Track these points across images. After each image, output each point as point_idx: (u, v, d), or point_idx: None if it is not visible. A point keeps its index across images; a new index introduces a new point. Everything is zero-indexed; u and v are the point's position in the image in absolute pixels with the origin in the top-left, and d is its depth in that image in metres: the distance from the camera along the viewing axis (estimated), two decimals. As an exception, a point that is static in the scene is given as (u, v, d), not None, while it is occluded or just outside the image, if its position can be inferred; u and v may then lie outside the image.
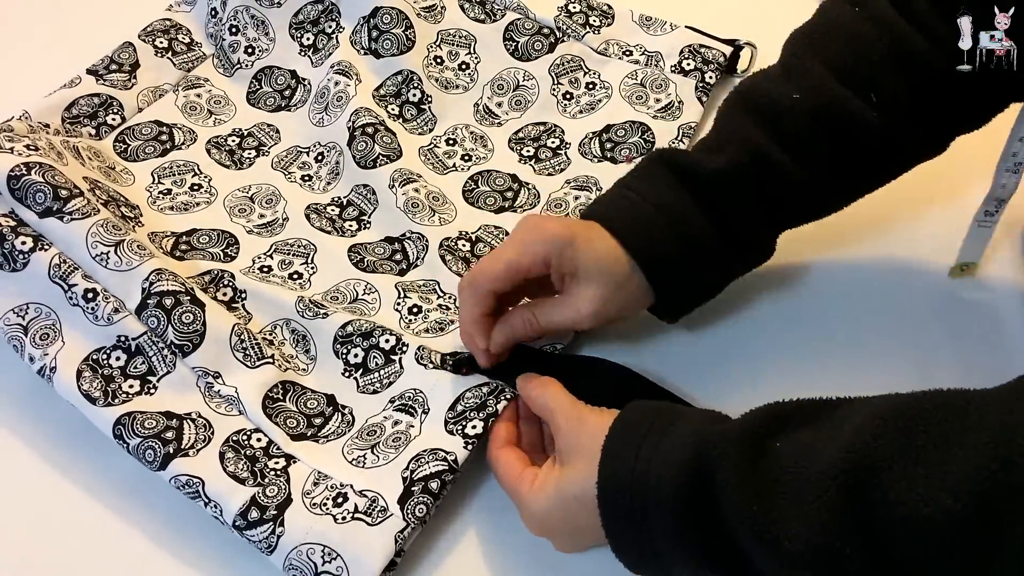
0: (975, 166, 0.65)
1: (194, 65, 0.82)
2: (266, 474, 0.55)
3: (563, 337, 0.63)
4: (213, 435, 0.57)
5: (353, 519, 0.53)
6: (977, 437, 0.38)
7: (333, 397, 0.61)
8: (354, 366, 0.62)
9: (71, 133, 0.74)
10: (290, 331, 0.63)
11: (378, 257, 0.68)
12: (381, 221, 0.70)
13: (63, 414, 0.59)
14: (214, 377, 0.59)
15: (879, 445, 0.40)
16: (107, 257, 0.60)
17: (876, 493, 0.40)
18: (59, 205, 0.62)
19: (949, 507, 0.38)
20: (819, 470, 0.41)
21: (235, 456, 0.56)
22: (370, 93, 0.75)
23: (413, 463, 0.55)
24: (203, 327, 0.59)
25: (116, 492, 0.58)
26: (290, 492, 0.54)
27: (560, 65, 0.80)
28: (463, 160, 0.76)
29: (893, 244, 0.70)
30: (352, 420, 0.60)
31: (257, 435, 0.57)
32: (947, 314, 0.66)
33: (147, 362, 0.59)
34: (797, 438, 0.44)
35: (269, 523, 0.53)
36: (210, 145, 0.76)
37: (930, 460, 0.39)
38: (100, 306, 0.60)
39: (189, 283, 0.61)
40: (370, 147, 0.72)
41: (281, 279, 0.67)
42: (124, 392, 0.58)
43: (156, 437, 0.56)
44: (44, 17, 0.89)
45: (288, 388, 0.60)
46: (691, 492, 0.45)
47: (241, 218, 0.71)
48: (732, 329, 0.66)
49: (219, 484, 0.54)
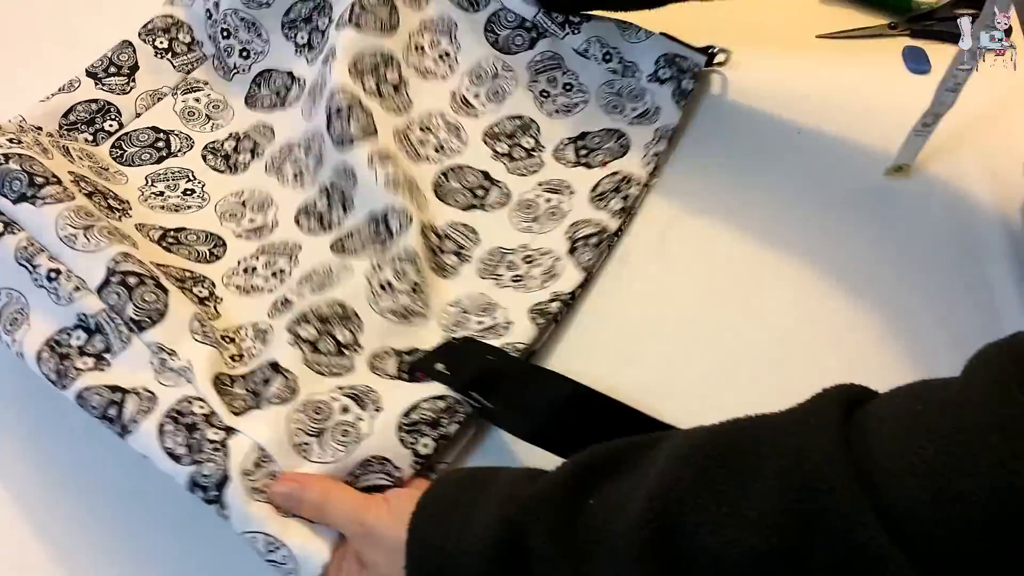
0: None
1: (194, 67, 0.82)
2: (203, 447, 0.53)
3: (521, 338, 0.63)
4: (155, 406, 0.55)
5: (293, 514, 0.53)
6: (772, 467, 0.38)
7: (276, 364, 0.59)
8: (304, 340, 0.61)
9: (67, 139, 0.75)
10: (255, 330, 0.64)
11: (362, 241, 0.67)
12: (364, 200, 0.69)
13: (52, 402, 0.59)
14: (169, 354, 0.58)
15: (680, 489, 0.40)
16: (75, 238, 0.60)
17: (682, 540, 0.39)
18: (33, 191, 0.61)
19: (754, 545, 0.37)
20: (627, 524, 0.40)
21: (174, 428, 0.54)
22: (346, 67, 0.74)
23: (359, 468, 0.55)
24: (164, 308, 0.59)
25: (115, 488, 0.59)
26: (227, 469, 0.53)
27: (539, 62, 0.80)
28: (436, 152, 0.76)
29: (835, 145, 0.77)
30: (295, 388, 0.58)
31: (199, 402, 0.55)
32: (881, 206, 0.74)
33: (104, 340, 0.58)
34: (608, 491, 0.43)
35: (215, 503, 0.52)
36: (206, 151, 0.77)
37: (730, 498, 0.38)
38: (62, 285, 0.58)
39: (157, 272, 0.61)
40: (345, 128, 0.70)
41: (264, 278, 0.68)
42: (77, 369, 0.57)
43: (103, 416, 0.55)
44: (43, 13, 0.90)
45: (236, 378, 0.59)
46: (504, 566, 0.43)
47: (231, 222, 0.72)
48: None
49: (162, 462, 0.54)
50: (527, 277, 0.69)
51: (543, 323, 0.65)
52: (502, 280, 0.69)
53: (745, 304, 0.69)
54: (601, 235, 0.70)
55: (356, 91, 0.72)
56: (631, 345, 0.67)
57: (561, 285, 0.67)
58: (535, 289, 0.67)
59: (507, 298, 0.67)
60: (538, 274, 0.69)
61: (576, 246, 0.70)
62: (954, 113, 0.69)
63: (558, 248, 0.70)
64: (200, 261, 0.69)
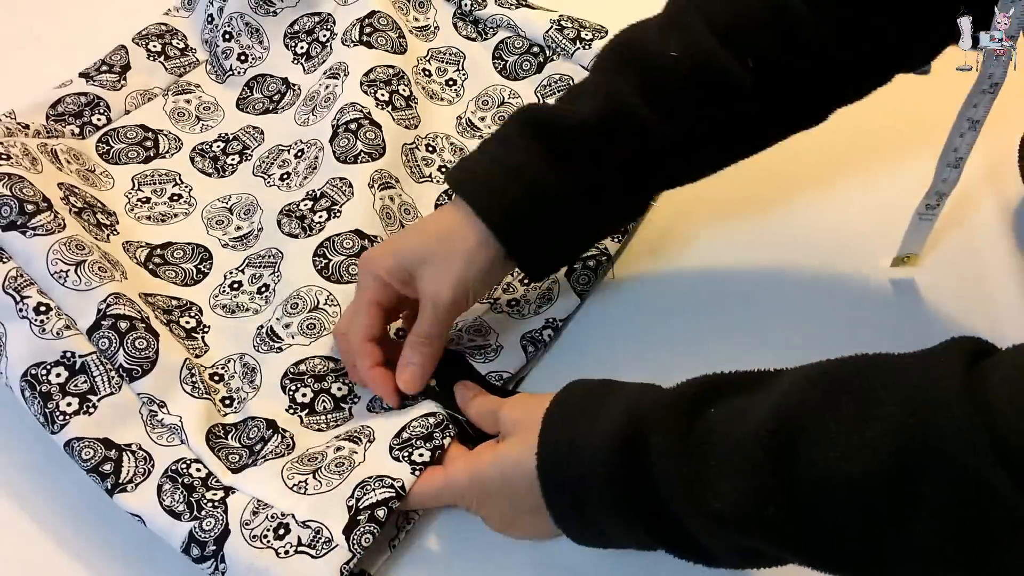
0: (919, 157, 0.66)
1: (186, 70, 0.82)
2: (203, 506, 0.54)
3: (508, 366, 0.63)
4: (152, 468, 0.55)
5: (296, 552, 0.51)
6: (895, 394, 0.39)
7: (274, 422, 0.59)
8: (300, 405, 0.60)
9: (54, 133, 0.74)
10: (242, 365, 0.63)
11: (346, 255, 0.66)
12: (354, 212, 0.68)
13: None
14: (159, 406, 0.58)
15: (804, 407, 0.41)
16: (66, 275, 0.60)
17: (799, 453, 0.40)
18: (23, 220, 0.61)
19: (867, 466, 0.38)
20: (746, 432, 0.42)
21: (172, 487, 0.54)
22: (359, 79, 0.74)
23: (358, 491, 0.54)
24: (155, 355, 0.58)
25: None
26: (227, 523, 0.53)
27: (547, 86, 0.80)
28: (440, 171, 0.75)
29: (835, 233, 0.72)
30: (292, 445, 0.58)
31: (197, 464, 0.56)
32: (886, 302, 0.69)
33: (89, 381, 0.57)
34: (731, 403, 0.44)
35: (211, 559, 0.52)
36: (195, 153, 0.76)
37: (851, 420, 0.39)
38: (50, 321, 0.58)
39: (146, 310, 0.61)
40: (352, 143, 0.70)
41: (250, 294, 0.67)
42: (62, 412, 0.56)
43: (95, 471, 0.55)
44: (43, 21, 0.90)
45: (229, 429, 0.59)
46: (624, 459, 0.45)
47: (217, 230, 0.71)
48: (664, 323, 0.67)
49: (158, 520, 0.53)
50: (523, 302, 0.67)
51: (533, 352, 0.64)
52: (498, 304, 0.67)
53: (743, 313, 0.68)
54: (599, 258, 0.69)
55: (368, 104, 0.73)
56: (624, 353, 0.66)
57: (555, 311, 0.67)
58: (530, 316, 0.66)
59: (501, 324, 0.66)
60: (534, 298, 0.67)
61: (574, 268, 0.68)
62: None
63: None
64: (187, 283, 0.68)
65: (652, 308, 0.68)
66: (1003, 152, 0.74)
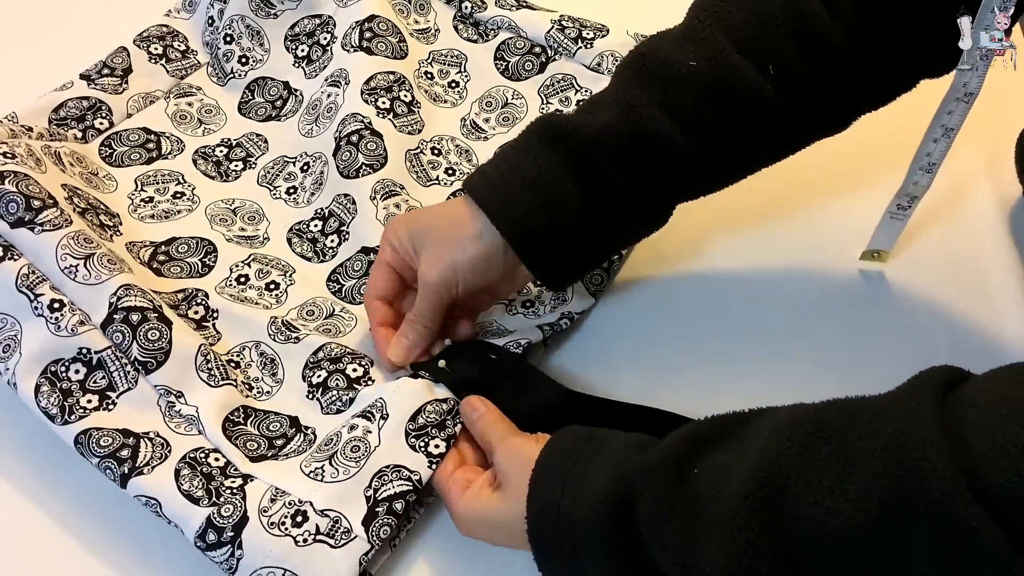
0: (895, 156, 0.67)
1: (187, 73, 0.82)
2: (222, 493, 0.54)
3: (527, 334, 0.63)
4: (170, 453, 0.56)
5: (315, 541, 0.52)
6: (873, 444, 0.39)
7: (297, 419, 0.60)
8: (316, 386, 0.61)
9: (56, 136, 0.74)
10: (259, 353, 0.63)
11: (356, 277, 0.68)
12: (359, 232, 0.69)
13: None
14: (176, 396, 0.58)
15: (784, 462, 0.41)
16: (76, 270, 0.60)
17: (785, 510, 0.40)
18: (31, 216, 0.61)
19: (853, 518, 0.38)
20: (731, 493, 0.42)
21: (191, 473, 0.55)
22: (359, 88, 0.74)
23: (376, 481, 0.54)
24: (168, 345, 0.58)
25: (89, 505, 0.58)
26: (246, 510, 0.53)
27: (550, 86, 0.80)
28: (447, 174, 0.75)
29: (835, 233, 0.73)
30: (314, 439, 0.59)
31: (215, 454, 0.56)
32: (855, 296, 0.69)
33: (107, 377, 0.58)
34: (712, 460, 0.44)
35: (227, 545, 0.52)
36: (197, 156, 0.76)
37: (832, 472, 0.40)
38: (65, 317, 0.59)
39: (158, 300, 0.61)
40: (353, 156, 0.71)
41: (258, 290, 0.67)
42: (82, 407, 0.57)
43: (112, 456, 0.55)
44: (43, 23, 0.90)
45: (249, 413, 0.60)
46: (614, 525, 0.46)
47: (221, 227, 0.71)
48: (663, 323, 0.67)
49: (175, 505, 0.53)
50: (538, 302, 0.68)
51: (549, 332, 0.65)
52: (513, 306, 0.68)
53: (742, 311, 0.68)
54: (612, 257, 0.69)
55: (369, 114, 0.73)
56: (631, 350, 0.66)
57: (571, 308, 0.67)
58: (545, 315, 0.67)
59: (516, 323, 0.66)
60: (548, 299, 0.68)
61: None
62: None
63: None
64: (192, 276, 0.67)
65: (652, 308, 0.68)
66: (1002, 152, 0.75)
